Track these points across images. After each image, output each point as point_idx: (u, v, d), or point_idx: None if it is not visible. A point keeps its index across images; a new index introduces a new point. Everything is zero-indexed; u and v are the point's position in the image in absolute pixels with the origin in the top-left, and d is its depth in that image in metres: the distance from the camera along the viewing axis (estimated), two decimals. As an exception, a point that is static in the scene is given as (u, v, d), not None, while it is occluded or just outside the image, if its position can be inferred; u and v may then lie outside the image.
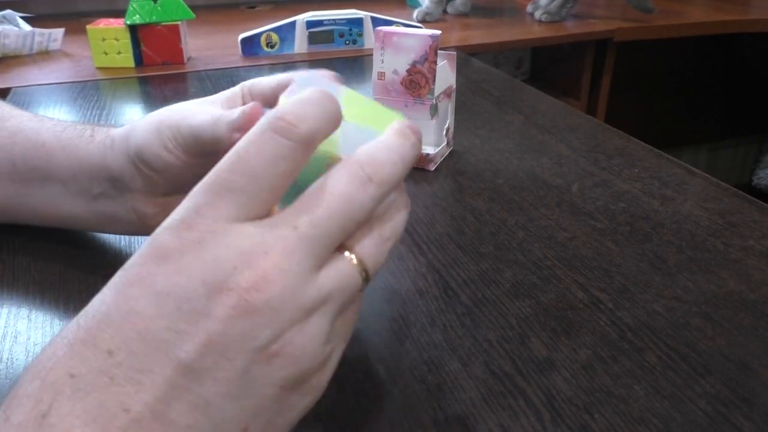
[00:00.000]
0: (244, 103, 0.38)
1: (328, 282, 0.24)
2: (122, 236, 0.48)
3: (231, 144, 0.30)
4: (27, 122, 0.45)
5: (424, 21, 1.41)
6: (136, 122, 0.40)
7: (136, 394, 0.21)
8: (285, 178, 0.24)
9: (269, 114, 0.24)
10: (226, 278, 0.22)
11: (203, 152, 0.37)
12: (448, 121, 0.64)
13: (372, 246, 0.26)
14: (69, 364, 0.22)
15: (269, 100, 0.37)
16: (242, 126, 0.33)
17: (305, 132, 0.24)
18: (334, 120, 0.25)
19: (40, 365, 0.22)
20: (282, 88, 0.36)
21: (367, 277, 0.26)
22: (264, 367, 0.23)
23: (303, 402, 0.25)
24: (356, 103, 0.29)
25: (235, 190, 0.23)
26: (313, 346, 0.24)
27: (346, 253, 0.25)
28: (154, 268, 0.23)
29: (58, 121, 0.45)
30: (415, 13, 1.40)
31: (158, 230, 0.23)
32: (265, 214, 0.24)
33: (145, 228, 0.42)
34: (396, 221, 0.27)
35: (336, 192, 0.24)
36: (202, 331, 0.22)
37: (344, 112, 0.26)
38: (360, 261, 0.25)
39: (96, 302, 0.23)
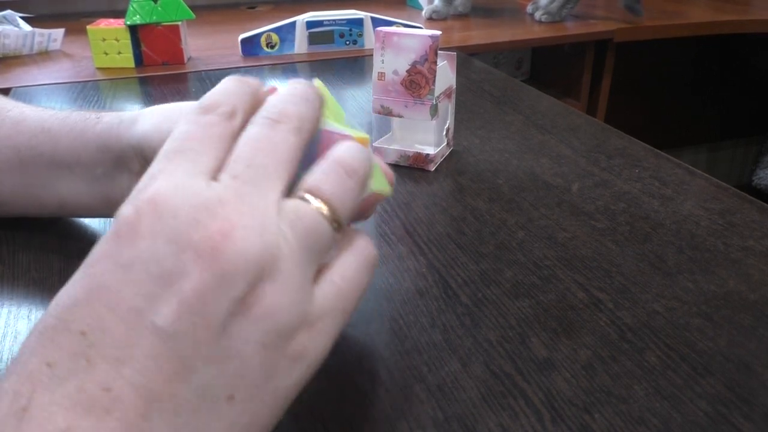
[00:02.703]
0: None
1: (287, 224, 0.24)
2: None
3: None
4: (30, 112, 0.45)
5: (431, 19, 1.41)
6: (146, 111, 0.41)
7: (116, 371, 0.21)
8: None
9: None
10: (190, 232, 0.22)
11: None
12: (448, 122, 0.64)
13: (330, 183, 0.26)
14: (43, 353, 0.21)
15: None
16: None
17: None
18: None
19: (17, 360, 0.22)
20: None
21: (335, 219, 0.26)
22: (242, 323, 0.22)
23: (295, 370, 0.24)
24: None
25: (185, 150, 0.24)
26: (289, 297, 0.23)
27: (300, 194, 0.25)
28: (116, 241, 0.22)
29: (59, 110, 0.45)
30: (424, 11, 1.44)
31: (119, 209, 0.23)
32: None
33: None
34: (355, 157, 0.27)
35: (254, 138, 0.26)
36: (174, 291, 0.21)
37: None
38: (321, 200, 0.25)
39: (63, 290, 0.23)
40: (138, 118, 0.41)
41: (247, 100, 0.28)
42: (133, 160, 0.40)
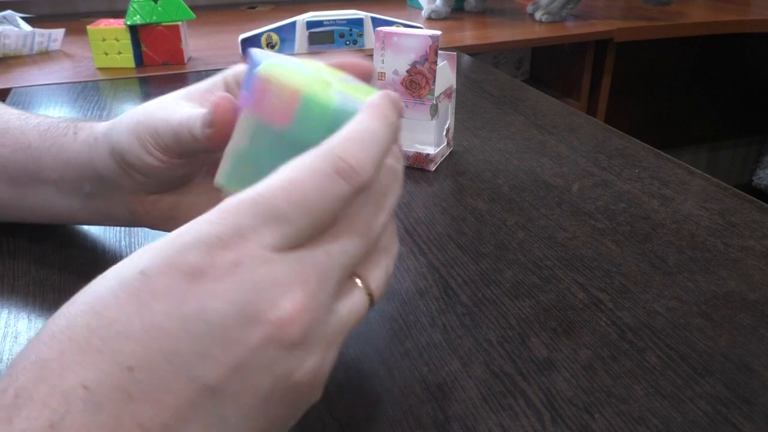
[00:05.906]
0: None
1: (346, 313, 0.25)
2: (123, 236, 0.48)
3: (206, 140, 0.32)
4: (13, 121, 0.44)
5: (430, 18, 1.41)
6: (117, 120, 0.39)
7: (153, 412, 0.21)
8: (333, 217, 0.24)
9: (330, 151, 0.24)
10: (264, 309, 0.22)
11: (184, 153, 0.36)
12: (448, 122, 0.64)
13: (381, 278, 0.27)
14: (82, 374, 0.21)
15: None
16: (213, 121, 0.32)
17: (365, 180, 0.24)
18: (387, 153, 0.26)
19: (46, 366, 0.21)
20: None
21: (371, 306, 0.27)
22: (284, 394, 0.23)
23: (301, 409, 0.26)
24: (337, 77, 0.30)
25: (283, 221, 0.23)
26: (325, 374, 0.25)
27: (358, 282, 0.26)
28: (185, 285, 0.22)
29: (43, 119, 0.44)
30: (424, 11, 1.44)
31: (185, 242, 0.22)
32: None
33: (140, 223, 0.42)
34: (395, 251, 0.29)
35: (354, 219, 0.25)
36: (232, 357, 0.22)
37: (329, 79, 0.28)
38: (370, 291, 0.27)
39: (108, 302, 0.22)
40: (111, 132, 0.39)
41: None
42: (120, 176, 0.39)
